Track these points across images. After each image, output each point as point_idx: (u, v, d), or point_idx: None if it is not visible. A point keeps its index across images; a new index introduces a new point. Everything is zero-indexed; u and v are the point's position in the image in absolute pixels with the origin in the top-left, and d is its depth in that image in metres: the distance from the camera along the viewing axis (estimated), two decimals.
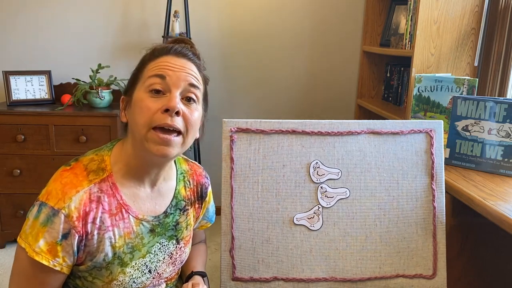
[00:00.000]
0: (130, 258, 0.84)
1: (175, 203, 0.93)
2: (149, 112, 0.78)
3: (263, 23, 2.53)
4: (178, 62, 0.83)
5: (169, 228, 0.91)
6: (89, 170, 0.82)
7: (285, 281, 1.08)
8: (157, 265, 0.89)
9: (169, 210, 0.91)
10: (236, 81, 2.61)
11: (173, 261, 0.94)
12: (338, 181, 1.09)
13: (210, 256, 2.29)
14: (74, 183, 0.79)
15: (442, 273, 1.10)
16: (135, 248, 0.85)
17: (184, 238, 0.95)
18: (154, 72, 0.81)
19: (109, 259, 0.82)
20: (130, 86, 0.85)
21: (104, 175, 0.82)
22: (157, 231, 0.89)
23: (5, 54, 2.43)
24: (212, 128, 2.63)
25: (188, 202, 0.97)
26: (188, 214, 0.96)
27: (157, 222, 0.89)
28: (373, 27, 2.56)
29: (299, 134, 1.09)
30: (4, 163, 2.16)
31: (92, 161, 0.84)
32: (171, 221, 0.92)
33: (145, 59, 0.86)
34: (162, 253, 0.90)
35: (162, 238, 0.90)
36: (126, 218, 0.83)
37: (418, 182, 1.10)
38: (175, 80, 0.80)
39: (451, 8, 1.84)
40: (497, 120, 1.29)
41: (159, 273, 0.91)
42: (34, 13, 2.41)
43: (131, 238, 0.84)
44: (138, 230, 0.85)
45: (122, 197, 0.83)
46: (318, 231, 1.09)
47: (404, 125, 1.11)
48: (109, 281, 0.82)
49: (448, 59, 1.90)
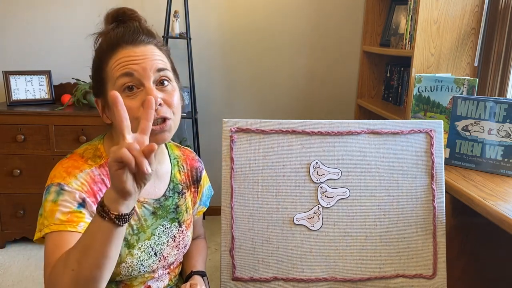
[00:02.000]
0: (136, 240, 0.86)
1: (172, 186, 0.95)
2: (131, 112, 0.77)
3: (263, 23, 2.53)
4: (138, 52, 0.80)
5: (170, 211, 0.93)
6: (86, 157, 0.84)
7: (285, 281, 1.08)
8: (162, 247, 0.91)
9: (168, 193, 0.94)
10: (236, 81, 2.61)
11: (177, 244, 0.95)
12: (338, 181, 1.09)
13: (210, 256, 2.29)
14: (75, 166, 0.81)
15: (442, 273, 1.10)
16: (140, 230, 0.87)
17: (185, 221, 0.98)
18: (119, 71, 0.79)
19: None
20: (99, 86, 0.83)
21: (102, 161, 0.84)
22: (159, 214, 0.91)
23: (5, 54, 2.43)
24: (212, 128, 2.65)
25: (184, 186, 0.99)
26: (186, 198, 0.99)
27: (158, 205, 0.91)
28: (373, 27, 2.56)
29: (299, 134, 1.09)
30: (4, 163, 2.16)
31: (87, 150, 0.86)
32: (171, 204, 0.94)
33: (101, 55, 0.82)
34: (165, 236, 0.92)
35: (165, 221, 0.92)
36: None
37: (418, 182, 1.10)
38: (143, 73, 0.79)
39: (451, 8, 1.84)
40: (497, 120, 1.29)
41: (164, 256, 0.92)
42: (34, 13, 2.41)
43: (135, 220, 0.86)
44: (141, 213, 0.87)
45: None
46: (318, 231, 1.09)
47: (404, 125, 1.11)
48: (118, 264, 0.82)
49: (448, 59, 1.90)
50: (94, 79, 0.85)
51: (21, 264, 2.16)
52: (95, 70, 0.84)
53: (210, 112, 2.64)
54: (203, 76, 2.58)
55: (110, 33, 0.83)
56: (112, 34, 0.82)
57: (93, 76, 0.86)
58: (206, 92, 2.61)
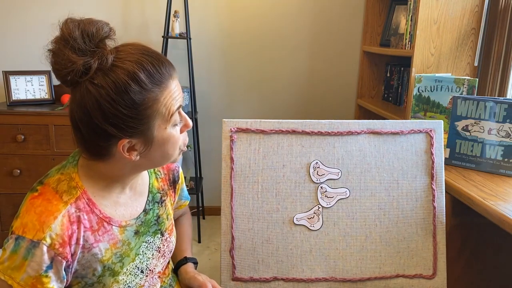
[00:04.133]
0: (121, 266, 0.83)
1: (151, 197, 0.92)
2: (180, 140, 0.82)
3: (263, 23, 2.53)
4: (178, 83, 0.80)
5: (151, 224, 0.90)
6: (60, 192, 0.76)
7: (285, 281, 1.08)
8: (147, 263, 0.89)
9: (147, 207, 0.90)
10: (236, 81, 2.62)
11: (162, 254, 0.93)
12: (338, 181, 1.09)
13: (210, 256, 2.29)
14: (49, 210, 0.73)
15: (442, 273, 1.10)
16: (123, 255, 0.83)
17: (167, 228, 0.95)
18: (175, 106, 0.77)
19: (99, 273, 0.80)
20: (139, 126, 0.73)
21: (78, 193, 0.77)
22: (141, 231, 0.88)
23: (5, 54, 2.43)
24: (212, 128, 2.65)
25: (163, 193, 0.96)
26: (166, 204, 0.96)
27: (139, 222, 0.88)
28: (373, 27, 2.56)
29: (299, 134, 1.09)
30: (4, 163, 2.16)
31: (60, 182, 0.77)
32: (152, 216, 0.91)
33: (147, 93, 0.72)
34: (150, 251, 0.89)
35: (147, 236, 0.89)
36: (109, 230, 0.81)
37: (418, 182, 1.10)
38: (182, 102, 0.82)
39: (451, 8, 1.84)
40: (497, 120, 1.29)
41: (151, 269, 0.90)
42: (34, 13, 2.41)
43: (118, 247, 0.82)
44: (124, 237, 0.84)
45: (101, 211, 0.80)
46: (318, 231, 1.09)
47: (404, 125, 1.11)
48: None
49: (448, 59, 1.90)
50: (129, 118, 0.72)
51: None
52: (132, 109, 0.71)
53: (210, 112, 2.64)
54: (203, 76, 2.58)
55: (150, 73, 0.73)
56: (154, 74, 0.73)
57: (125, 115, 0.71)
58: (206, 92, 2.61)
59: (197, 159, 2.52)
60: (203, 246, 2.40)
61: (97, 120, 0.71)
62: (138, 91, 0.71)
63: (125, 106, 0.71)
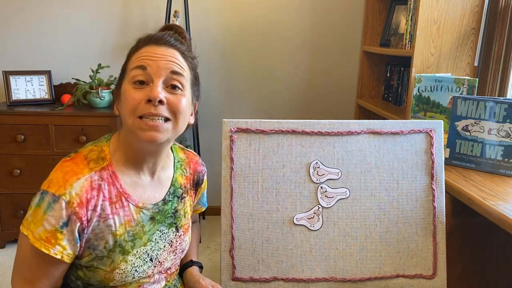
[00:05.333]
0: (132, 246, 0.85)
1: (173, 190, 0.95)
2: (133, 102, 0.80)
3: (263, 23, 2.53)
4: (158, 51, 0.83)
5: (168, 216, 0.93)
6: (89, 159, 0.83)
7: (285, 281, 1.08)
8: (158, 253, 0.90)
9: (167, 198, 0.93)
10: (236, 81, 2.62)
11: (174, 249, 0.95)
12: (338, 181, 1.09)
13: (210, 256, 2.29)
14: (75, 171, 0.80)
15: (442, 273, 1.10)
16: (136, 236, 0.86)
17: (183, 226, 0.97)
18: (135, 63, 0.82)
19: (110, 247, 0.82)
20: (119, 79, 0.87)
21: (104, 163, 0.83)
22: (157, 219, 0.90)
23: (5, 54, 2.43)
24: (212, 128, 2.65)
25: (185, 190, 0.98)
26: (185, 202, 0.98)
27: (156, 209, 0.90)
28: (373, 27, 2.56)
29: (299, 134, 1.09)
30: (4, 163, 2.16)
31: (92, 151, 0.85)
32: (170, 208, 0.93)
33: (130, 52, 0.87)
34: (162, 241, 0.91)
35: (162, 226, 0.91)
36: (126, 206, 0.84)
37: (418, 182, 1.10)
38: (156, 70, 0.81)
39: (451, 8, 1.84)
40: (497, 120, 1.29)
41: (160, 261, 0.91)
42: (34, 13, 2.41)
43: (132, 226, 0.85)
44: (139, 218, 0.86)
45: (122, 186, 0.84)
46: (318, 231, 1.09)
47: (404, 125, 1.11)
48: (111, 270, 0.83)
49: (448, 59, 1.90)
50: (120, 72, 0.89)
51: None
52: (123, 64, 0.88)
53: (210, 112, 2.64)
54: (203, 77, 2.56)
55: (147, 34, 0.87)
56: (147, 35, 0.87)
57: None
58: (206, 92, 2.61)
59: None
60: (203, 246, 2.40)
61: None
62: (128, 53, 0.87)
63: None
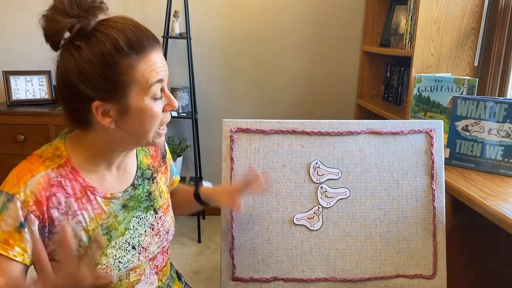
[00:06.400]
0: (108, 239, 0.83)
1: (140, 173, 0.92)
2: (159, 116, 0.80)
3: (263, 22, 2.53)
4: (163, 58, 0.81)
5: (142, 200, 0.90)
6: (44, 158, 0.80)
7: (285, 281, 1.08)
8: (139, 239, 0.88)
9: (136, 182, 0.91)
10: (236, 81, 2.62)
11: (156, 232, 0.92)
12: (338, 181, 1.09)
13: (210, 256, 2.29)
14: (29, 169, 0.77)
15: (442, 273, 1.10)
16: (110, 228, 0.84)
17: (161, 206, 0.94)
18: (155, 77, 0.76)
19: (85, 244, 0.80)
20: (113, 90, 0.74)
21: (61, 161, 0.81)
22: (130, 206, 0.88)
23: (5, 54, 2.43)
24: (212, 128, 2.65)
25: (154, 170, 0.96)
26: (157, 182, 0.95)
27: (127, 196, 0.88)
28: (373, 27, 2.56)
29: (299, 134, 1.09)
30: (4, 163, 2.16)
31: (46, 150, 0.83)
32: (142, 192, 0.91)
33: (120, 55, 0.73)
34: (142, 227, 0.89)
35: (138, 211, 0.89)
36: (93, 200, 0.82)
37: (418, 182, 1.10)
38: (165, 79, 0.81)
39: (451, 8, 1.84)
40: (497, 120, 1.29)
41: (144, 247, 0.89)
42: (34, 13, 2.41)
43: (103, 219, 0.83)
44: (109, 209, 0.84)
45: (85, 180, 0.82)
46: (318, 231, 1.09)
47: (404, 125, 1.11)
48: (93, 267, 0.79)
49: (448, 59, 1.90)
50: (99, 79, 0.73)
51: None
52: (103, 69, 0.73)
53: (210, 112, 2.64)
54: (203, 76, 2.58)
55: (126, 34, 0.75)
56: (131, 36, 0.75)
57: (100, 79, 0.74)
58: (206, 92, 2.61)
59: (197, 159, 2.52)
60: (203, 246, 2.40)
61: (73, 79, 0.74)
62: (115, 53, 0.73)
63: (101, 67, 0.73)
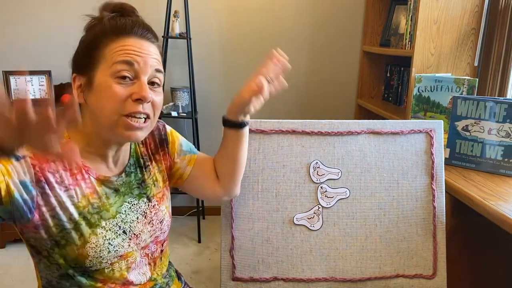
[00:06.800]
0: (98, 219, 0.83)
1: (133, 161, 0.92)
2: (118, 99, 0.77)
3: (263, 23, 2.53)
4: (143, 46, 0.81)
5: (134, 187, 0.91)
6: None
7: (285, 281, 1.08)
8: (131, 225, 0.88)
9: (128, 169, 0.91)
10: (236, 81, 2.61)
11: (149, 221, 0.92)
12: (338, 181, 1.09)
13: (210, 256, 2.29)
14: None
15: (442, 273, 1.10)
16: (101, 208, 0.84)
17: (155, 195, 0.94)
18: (121, 57, 0.78)
19: (75, 219, 0.80)
20: (87, 64, 0.81)
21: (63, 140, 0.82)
22: (122, 191, 0.88)
23: (5, 54, 2.43)
24: (212, 128, 2.65)
25: (147, 158, 0.95)
26: (150, 170, 0.95)
27: (120, 182, 0.88)
28: (373, 27, 2.56)
29: (299, 134, 1.09)
30: None
31: None
32: (134, 179, 0.91)
33: (102, 35, 0.81)
34: (134, 213, 0.89)
35: (130, 197, 0.89)
36: (87, 179, 0.83)
37: (418, 182, 1.10)
38: (143, 67, 0.80)
39: (451, 8, 1.84)
40: (497, 120, 1.29)
41: (136, 233, 0.89)
42: (34, 13, 2.41)
43: (95, 198, 0.84)
44: (101, 191, 0.85)
45: (82, 161, 0.83)
46: (318, 231, 1.09)
47: (404, 125, 1.11)
48: (82, 244, 0.81)
49: (448, 59, 1.90)
50: (82, 55, 0.82)
51: (21, 264, 2.16)
52: (86, 47, 0.82)
53: (210, 112, 2.64)
54: (203, 76, 2.58)
55: (116, 20, 0.82)
56: (118, 22, 0.82)
57: (80, 52, 0.83)
58: (206, 92, 2.61)
59: None
60: (203, 246, 2.40)
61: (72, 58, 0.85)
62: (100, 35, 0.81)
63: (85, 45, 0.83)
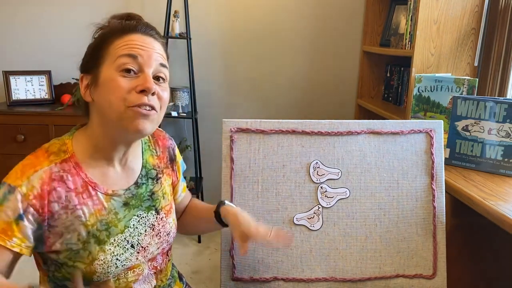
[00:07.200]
0: (107, 235, 0.83)
1: (145, 172, 0.92)
2: (123, 91, 0.78)
3: (263, 23, 2.53)
4: (147, 41, 0.82)
5: (144, 199, 0.90)
6: (50, 152, 0.83)
7: (285, 281, 1.08)
8: (139, 238, 0.88)
9: (140, 181, 0.90)
10: (236, 81, 2.62)
11: (157, 233, 0.92)
12: (338, 181, 1.09)
13: (210, 256, 2.29)
14: (34, 163, 0.80)
15: (442, 273, 1.10)
16: (110, 224, 0.84)
17: (163, 208, 0.94)
18: (125, 51, 0.79)
19: (84, 238, 0.80)
20: (93, 62, 0.82)
21: (66, 156, 0.83)
22: (132, 204, 0.88)
23: (5, 54, 2.43)
24: (212, 128, 2.65)
25: (159, 170, 0.95)
26: (161, 183, 0.95)
27: (129, 194, 0.88)
28: (373, 27, 2.56)
29: (299, 134, 1.09)
30: (4, 163, 2.16)
31: (53, 144, 0.85)
32: (145, 191, 0.91)
33: (107, 35, 0.83)
34: (142, 226, 0.89)
35: (139, 210, 0.89)
36: (94, 196, 0.83)
37: (418, 182, 1.10)
38: (147, 60, 0.80)
39: (451, 8, 1.84)
40: (497, 120, 1.29)
41: (143, 246, 0.89)
42: (34, 13, 2.41)
43: (103, 215, 0.83)
44: (110, 206, 0.84)
45: (87, 175, 0.83)
46: (318, 231, 1.09)
47: (404, 125, 1.11)
48: (91, 262, 0.81)
49: (448, 59, 1.90)
50: (89, 56, 0.84)
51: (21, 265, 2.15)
52: (93, 48, 0.83)
53: (210, 112, 2.64)
54: (203, 76, 2.58)
55: (121, 22, 0.85)
56: (123, 23, 0.84)
57: (88, 54, 0.85)
58: (206, 92, 2.61)
59: (197, 159, 2.52)
60: (203, 246, 2.40)
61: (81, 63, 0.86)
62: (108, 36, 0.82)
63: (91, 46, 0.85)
